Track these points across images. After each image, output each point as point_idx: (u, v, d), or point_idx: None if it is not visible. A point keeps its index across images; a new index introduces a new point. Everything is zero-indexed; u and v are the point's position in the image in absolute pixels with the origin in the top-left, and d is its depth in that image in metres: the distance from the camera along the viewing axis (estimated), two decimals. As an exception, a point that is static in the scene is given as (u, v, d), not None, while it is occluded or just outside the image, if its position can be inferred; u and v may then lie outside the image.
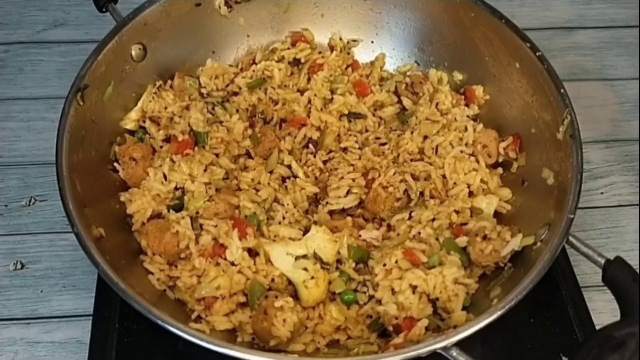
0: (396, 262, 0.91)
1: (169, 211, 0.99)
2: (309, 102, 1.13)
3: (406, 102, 1.14)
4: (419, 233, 0.97)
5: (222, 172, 1.02)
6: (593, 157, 1.26)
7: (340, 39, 1.21)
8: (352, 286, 0.95)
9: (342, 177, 1.03)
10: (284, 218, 0.99)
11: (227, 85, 1.15)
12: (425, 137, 1.08)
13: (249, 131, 1.08)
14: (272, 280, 0.93)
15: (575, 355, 0.72)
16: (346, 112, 1.12)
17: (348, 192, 1.00)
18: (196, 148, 1.04)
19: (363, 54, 1.22)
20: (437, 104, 1.12)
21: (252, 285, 0.92)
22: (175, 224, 0.95)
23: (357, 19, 1.21)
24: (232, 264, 0.93)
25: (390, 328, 0.90)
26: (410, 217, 1.00)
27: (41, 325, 1.03)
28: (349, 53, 1.21)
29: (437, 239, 0.96)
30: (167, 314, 0.81)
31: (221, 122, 1.08)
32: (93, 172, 0.98)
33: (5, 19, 1.42)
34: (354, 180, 1.02)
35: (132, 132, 1.08)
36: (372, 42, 1.22)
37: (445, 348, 0.78)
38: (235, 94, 1.14)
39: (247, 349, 0.82)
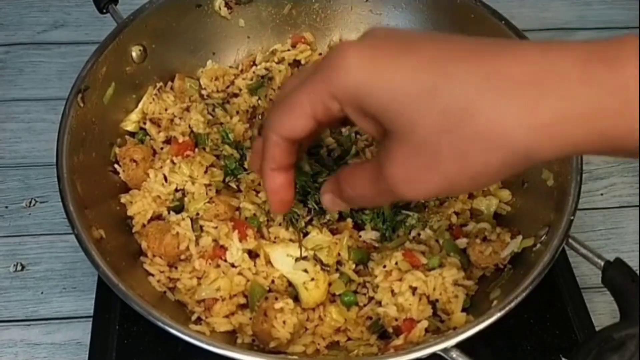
0: (396, 263, 0.91)
1: (169, 213, 0.99)
2: (309, 103, 1.12)
3: (406, 103, 1.14)
4: (419, 234, 0.97)
5: (222, 173, 1.02)
6: (593, 158, 1.26)
7: (340, 40, 1.21)
8: (352, 288, 0.94)
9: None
10: (284, 219, 0.99)
11: (228, 87, 1.15)
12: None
13: (250, 132, 1.08)
14: (272, 281, 0.93)
15: (574, 357, 0.72)
16: (346, 113, 1.11)
17: (348, 194, 1.00)
18: (196, 150, 1.04)
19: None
20: (437, 105, 1.12)
21: (252, 287, 0.92)
22: (175, 225, 0.95)
23: (357, 20, 1.20)
24: (232, 265, 0.93)
25: (390, 329, 0.90)
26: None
27: (41, 327, 1.03)
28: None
29: (436, 241, 0.96)
30: (168, 316, 0.80)
31: (221, 123, 1.08)
32: (93, 173, 0.97)
33: (5, 20, 1.42)
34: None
35: (132, 134, 1.08)
36: (372, 43, 1.22)
37: (445, 349, 0.78)
38: (236, 95, 1.14)
39: (247, 350, 0.82)
